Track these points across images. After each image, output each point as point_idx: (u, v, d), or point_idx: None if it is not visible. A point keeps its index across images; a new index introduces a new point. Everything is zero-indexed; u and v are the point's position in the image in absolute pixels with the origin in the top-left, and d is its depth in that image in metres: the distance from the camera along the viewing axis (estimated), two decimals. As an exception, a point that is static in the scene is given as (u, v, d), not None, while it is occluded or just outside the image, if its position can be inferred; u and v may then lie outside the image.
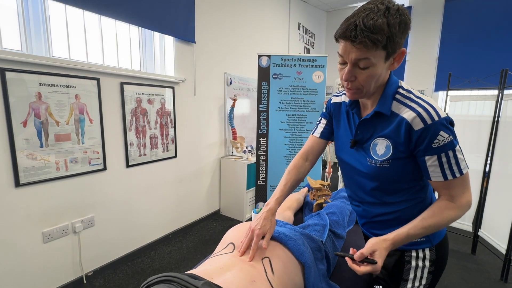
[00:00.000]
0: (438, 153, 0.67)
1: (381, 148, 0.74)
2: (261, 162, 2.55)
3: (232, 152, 3.14)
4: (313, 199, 1.53)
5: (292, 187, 0.94)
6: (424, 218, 0.71)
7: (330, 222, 1.16)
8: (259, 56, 2.48)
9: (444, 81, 4.43)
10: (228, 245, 0.86)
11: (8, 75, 1.40)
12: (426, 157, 0.69)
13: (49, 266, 1.66)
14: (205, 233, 2.61)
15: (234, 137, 3.04)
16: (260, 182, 2.57)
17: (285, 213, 1.32)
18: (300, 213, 1.49)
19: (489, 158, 2.19)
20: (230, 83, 3.05)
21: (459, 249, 2.36)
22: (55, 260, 1.69)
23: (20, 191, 1.50)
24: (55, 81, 1.59)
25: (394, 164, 0.73)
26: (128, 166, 2.06)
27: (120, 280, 1.89)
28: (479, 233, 2.25)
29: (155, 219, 2.35)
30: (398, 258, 0.82)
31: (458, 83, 2.54)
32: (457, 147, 0.67)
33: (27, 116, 1.49)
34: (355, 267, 0.70)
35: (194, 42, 2.49)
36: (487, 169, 2.20)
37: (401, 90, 0.73)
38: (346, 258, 0.72)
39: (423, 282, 0.80)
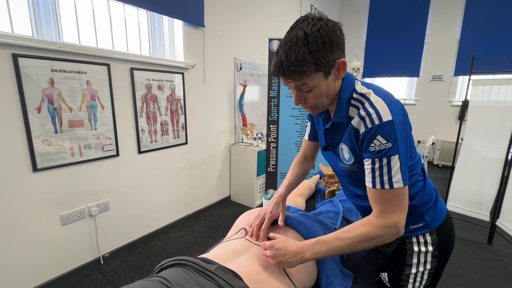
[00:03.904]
0: (372, 157, 0.65)
1: (346, 153, 0.75)
2: (271, 149, 2.53)
3: (242, 139, 3.13)
4: (326, 186, 1.51)
5: (299, 178, 1.00)
6: (342, 231, 0.69)
7: (343, 209, 1.14)
8: (270, 40, 2.39)
9: (465, 65, 4.20)
10: (240, 230, 0.86)
11: (21, 61, 1.41)
12: (365, 159, 0.68)
13: (68, 247, 1.73)
14: (216, 219, 2.66)
15: (244, 124, 3.02)
16: (270, 169, 2.56)
17: (297, 199, 1.30)
18: (312, 200, 1.47)
19: (512, 146, 2.08)
20: (240, 68, 2.99)
21: (474, 238, 2.31)
22: (74, 241, 1.76)
23: (38, 176, 1.55)
24: (66, 67, 1.59)
25: (362, 167, 0.71)
26: (140, 152, 2.08)
27: (135, 261, 1.96)
28: (497, 223, 2.18)
29: (167, 204, 2.40)
30: (398, 245, 0.82)
31: (480, 66, 2.39)
32: (396, 157, 0.63)
33: (41, 102, 1.51)
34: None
35: (203, 26, 2.43)
36: (510, 157, 2.10)
37: (355, 95, 0.70)
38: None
39: (428, 266, 0.79)
